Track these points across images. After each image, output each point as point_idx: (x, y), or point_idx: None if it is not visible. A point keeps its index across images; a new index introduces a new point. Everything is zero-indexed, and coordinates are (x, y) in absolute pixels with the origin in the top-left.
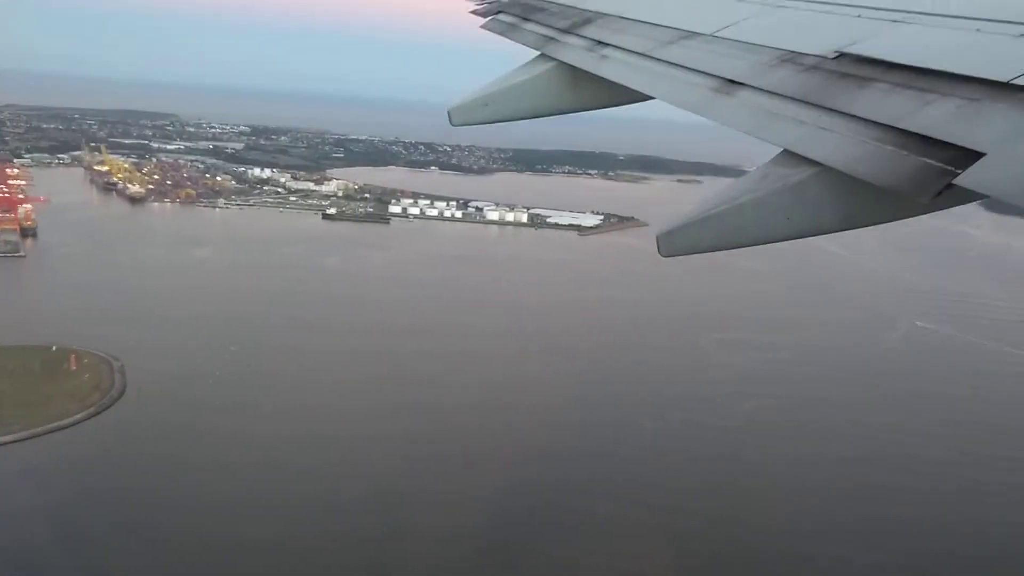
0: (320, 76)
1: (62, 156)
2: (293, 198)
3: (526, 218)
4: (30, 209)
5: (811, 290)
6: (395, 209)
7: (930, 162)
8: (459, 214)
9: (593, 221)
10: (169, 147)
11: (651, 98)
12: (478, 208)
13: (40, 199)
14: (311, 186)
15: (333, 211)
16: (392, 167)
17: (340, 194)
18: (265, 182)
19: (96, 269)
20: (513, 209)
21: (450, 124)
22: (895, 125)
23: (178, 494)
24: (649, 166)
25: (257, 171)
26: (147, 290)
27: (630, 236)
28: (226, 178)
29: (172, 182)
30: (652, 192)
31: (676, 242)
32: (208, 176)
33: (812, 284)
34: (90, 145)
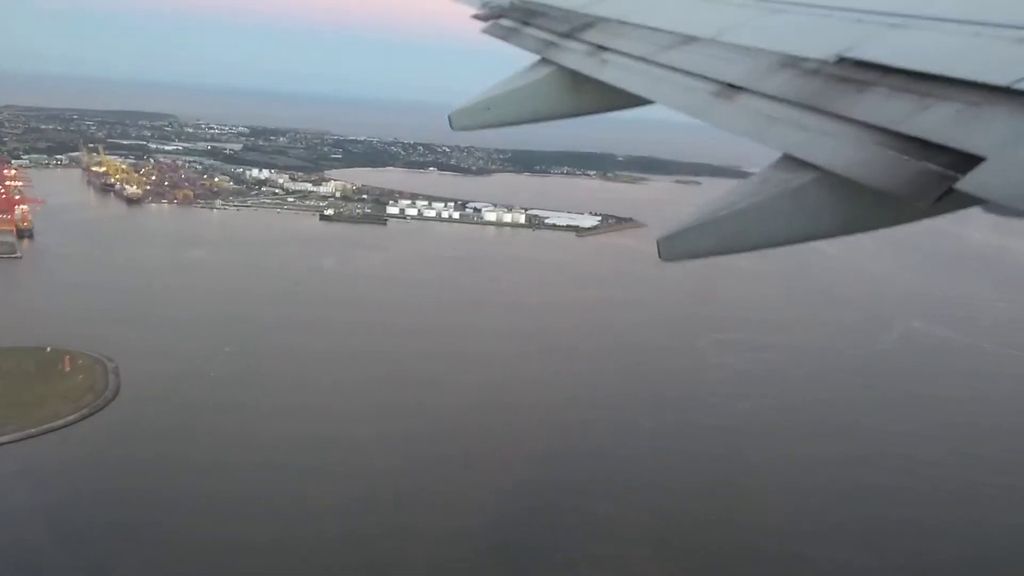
0: (319, 77)
1: (60, 157)
2: (291, 199)
3: (524, 219)
4: (26, 210)
5: (809, 291)
6: (393, 210)
7: (930, 167)
8: (457, 215)
9: (591, 222)
10: (167, 148)
11: (651, 102)
12: (476, 209)
13: (37, 200)
14: (309, 187)
15: (330, 212)
16: (391, 168)
17: (338, 195)
18: (263, 183)
19: (92, 270)
20: (511, 210)
21: (450, 129)
22: (895, 129)
23: (176, 494)
24: (648, 167)
25: (255, 172)
26: (143, 291)
27: (628, 237)
28: (224, 179)
29: (170, 183)
30: (651, 193)
31: (677, 247)
32: (206, 177)
33: (810, 285)
34: (88, 146)
